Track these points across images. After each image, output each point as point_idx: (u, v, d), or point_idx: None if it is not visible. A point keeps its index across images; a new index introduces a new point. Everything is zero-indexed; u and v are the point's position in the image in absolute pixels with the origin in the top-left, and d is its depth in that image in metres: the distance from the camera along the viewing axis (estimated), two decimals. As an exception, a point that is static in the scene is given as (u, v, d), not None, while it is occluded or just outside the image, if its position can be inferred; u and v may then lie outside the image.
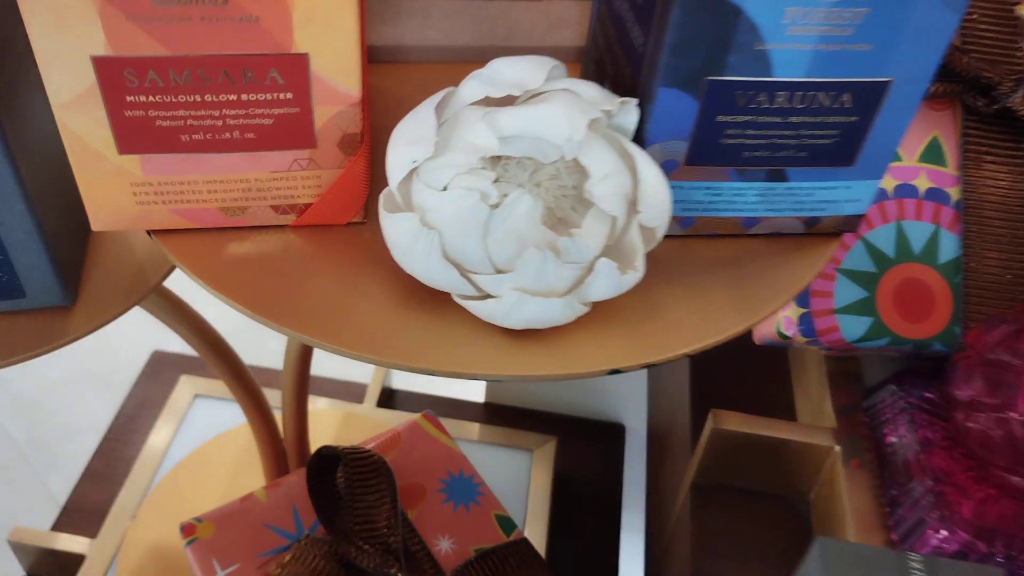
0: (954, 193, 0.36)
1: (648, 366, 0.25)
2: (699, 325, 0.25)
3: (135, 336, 0.68)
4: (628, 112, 0.25)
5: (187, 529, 0.39)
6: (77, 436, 0.92)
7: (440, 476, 0.44)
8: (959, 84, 0.36)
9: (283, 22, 0.22)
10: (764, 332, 0.38)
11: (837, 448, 0.38)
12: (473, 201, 0.24)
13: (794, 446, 0.38)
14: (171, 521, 0.55)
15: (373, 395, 0.67)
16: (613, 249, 0.25)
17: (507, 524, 0.41)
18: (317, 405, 0.65)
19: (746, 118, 0.25)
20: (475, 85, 0.25)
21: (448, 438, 0.46)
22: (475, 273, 0.24)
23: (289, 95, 0.24)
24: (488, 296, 0.25)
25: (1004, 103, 0.35)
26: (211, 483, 0.56)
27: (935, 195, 0.36)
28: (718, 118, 0.25)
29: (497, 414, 0.68)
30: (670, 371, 0.52)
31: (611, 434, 0.68)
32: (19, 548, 0.57)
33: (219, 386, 0.65)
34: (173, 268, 0.32)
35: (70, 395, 0.93)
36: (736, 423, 0.38)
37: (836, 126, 0.25)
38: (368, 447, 0.42)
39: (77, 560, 0.55)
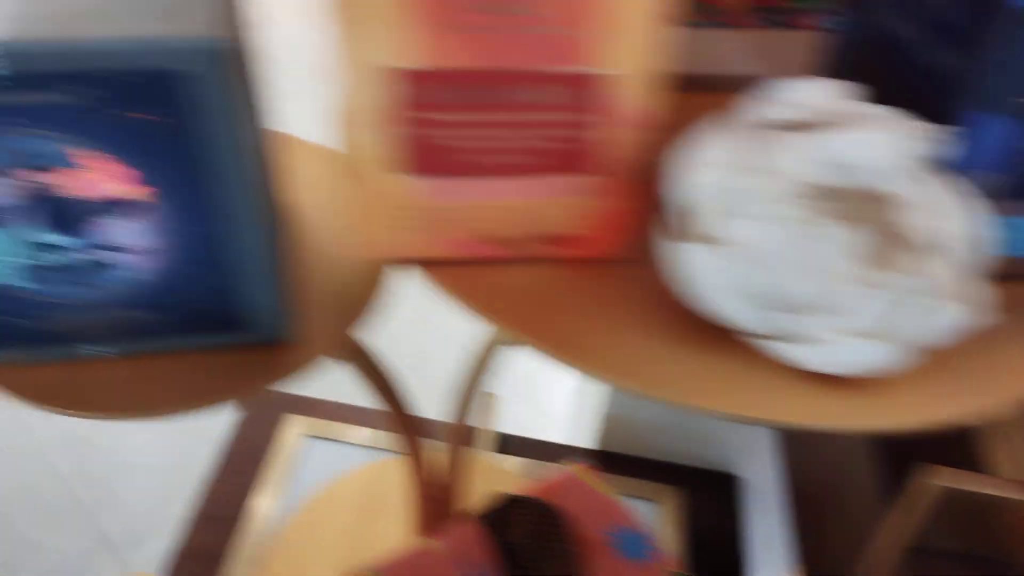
0: None
1: (980, 419, 0.22)
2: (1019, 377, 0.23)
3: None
4: (943, 139, 0.23)
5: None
6: (132, 473, 0.89)
7: (608, 529, 0.41)
8: None
9: (587, 35, 0.21)
10: None
11: (1061, 505, 0.35)
12: (788, 233, 0.22)
13: (1012, 505, 0.36)
14: (304, 570, 0.53)
15: (487, 440, 0.65)
16: (945, 287, 0.23)
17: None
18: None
19: None
20: (773, 107, 0.23)
21: (610, 490, 0.43)
22: (790, 312, 0.22)
23: (579, 113, 0.22)
24: (797, 337, 0.23)
25: None
26: (338, 529, 0.53)
27: None
28: None
29: (608, 461, 0.65)
30: (835, 439, 0.50)
31: (726, 485, 0.65)
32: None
33: (323, 426, 0.63)
34: (370, 300, 0.31)
35: (120, 430, 0.91)
36: (959, 481, 0.35)
37: None
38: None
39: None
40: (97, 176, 0.23)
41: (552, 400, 0.97)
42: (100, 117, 0.22)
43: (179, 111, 0.22)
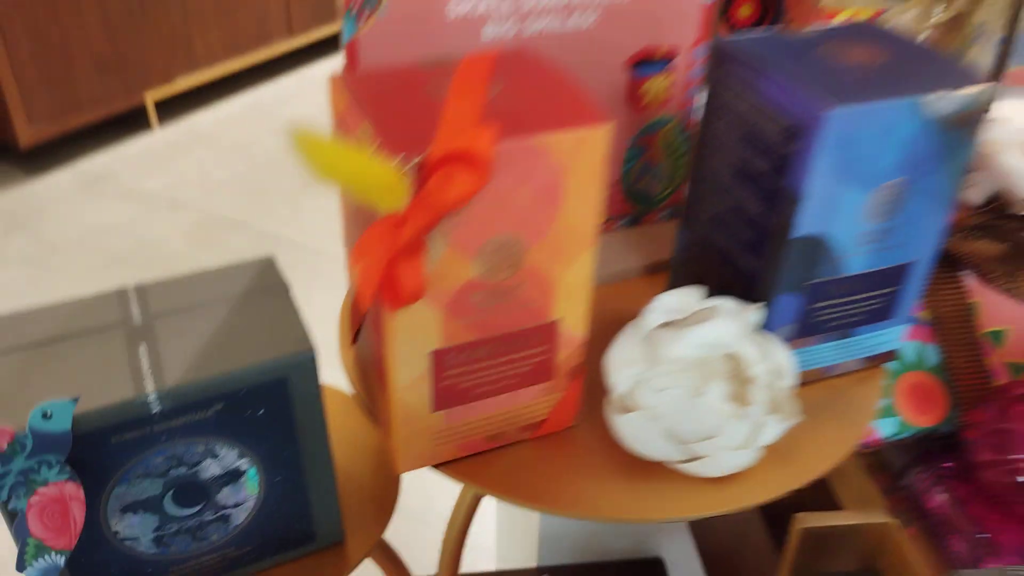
0: (924, 315, 0.50)
1: (800, 488, 0.36)
2: (827, 450, 0.37)
3: None
4: (759, 313, 0.37)
5: None
6: None
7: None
8: None
9: (549, 300, 0.33)
10: None
11: (896, 521, 0.49)
12: (681, 395, 0.34)
13: (863, 528, 0.49)
14: None
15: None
16: (773, 407, 0.36)
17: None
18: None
19: (830, 302, 0.37)
20: (657, 315, 0.36)
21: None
22: (689, 443, 0.35)
23: (545, 347, 0.34)
24: (696, 458, 0.35)
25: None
26: None
27: (913, 320, 0.50)
28: (815, 305, 0.37)
29: (553, 573, 0.75)
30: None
31: (655, 569, 0.76)
32: None
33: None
34: (399, 492, 0.40)
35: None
36: (818, 520, 0.49)
37: (884, 295, 0.38)
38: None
39: None
40: (223, 458, 0.32)
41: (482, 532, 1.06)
42: (229, 419, 0.31)
43: (283, 404, 0.32)
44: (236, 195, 2.54)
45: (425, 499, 1.11)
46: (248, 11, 3.07)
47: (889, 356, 0.41)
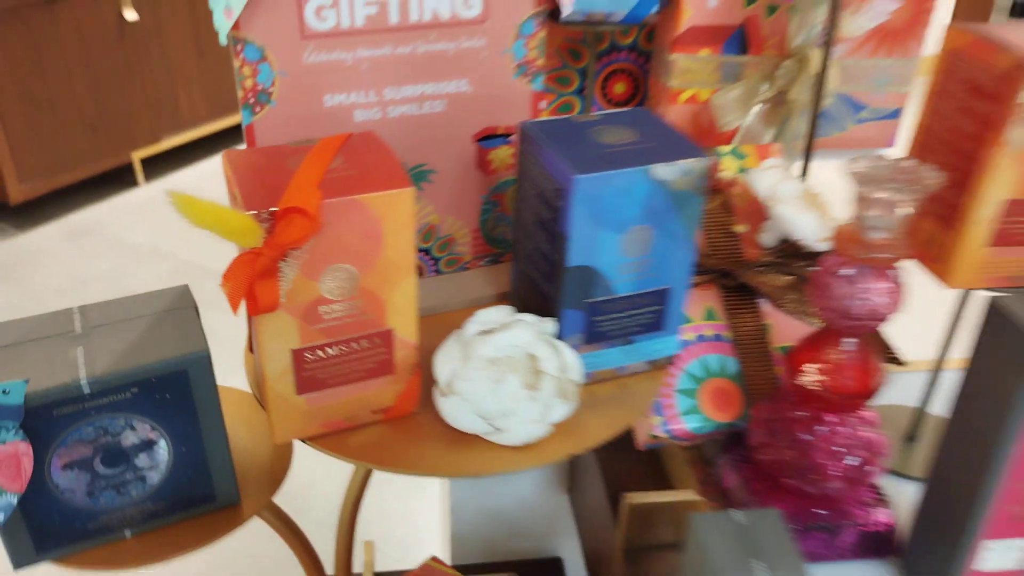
0: (727, 334, 0.62)
1: (573, 456, 0.47)
2: (605, 428, 0.48)
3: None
4: (552, 325, 0.49)
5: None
6: None
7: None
8: (713, 274, 0.63)
9: (382, 314, 0.45)
10: (642, 440, 0.61)
11: (703, 499, 0.60)
12: (492, 384, 0.46)
13: (678, 505, 0.60)
14: None
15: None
16: (560, 394, 0.48)
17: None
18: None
19: (607, 316, 0.49)
20: (474, 326, 0.48)
21: (455, 572, 0.64)
22: (494, 418, 0.46)
23: (384, 349, 0.46)
24: (500, 430, 0.47)
25: (739, 280, 0.62)
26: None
27: (718, 337, 0.62)
28: (595, 319, 0.49)
29: (463, 571, 0.85)
30: (593, 502, 0.74)
31: (554, 566, 0.86)
32: None
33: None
34: (289, 467, 0.52)
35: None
36: (642, 498, 0.60)
37: (652, 312, 0.50)
38: (407, 581, 0.60)
39: None
40: (139, 431, 0.44)
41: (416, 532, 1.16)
42: (143, 401, 0.43)
43: (185, 390, 0.43)
44: (212, 245, 2.65)
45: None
46: (231, 76, 3.22)
47: (669, 360, 0.53)
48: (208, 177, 3.10)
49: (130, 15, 2.81)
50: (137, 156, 2.96)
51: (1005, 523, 0.48)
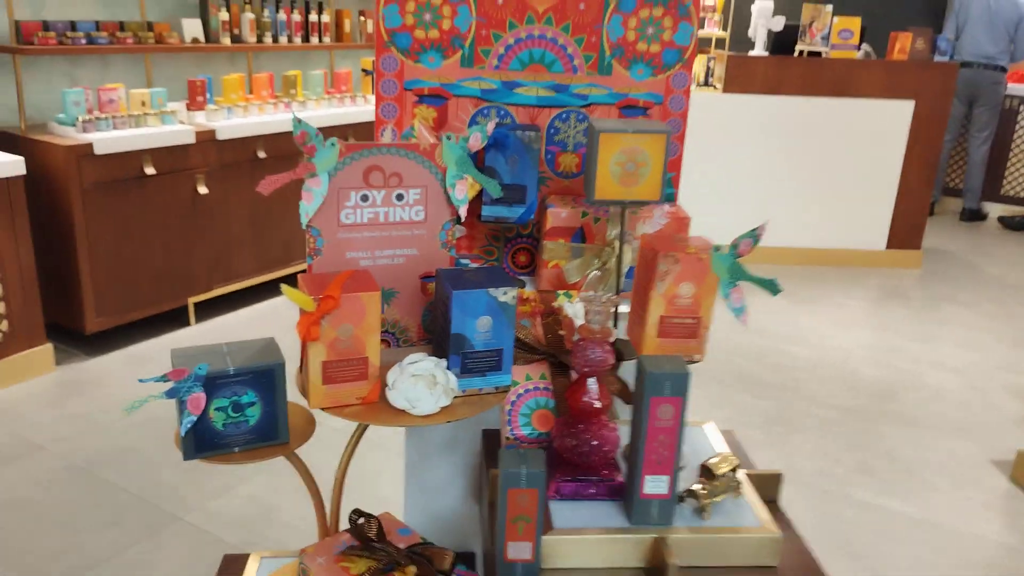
0: (550, 386, 1.14)
1: (449, 421, 0.99)
2: (466, 413, 1.01)
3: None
4: (443, 362, 1.02)
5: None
6: None
7: None
8: (546, 355, 1.16)
9: (364, 348, 0.99)
10: (503, 442, 1.12)
11: (534, 476, 1.10)
12: (412, 386, 0.99)
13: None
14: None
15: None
16: (445, 393, 1.00)
17: None
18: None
19: (472, 361, 1.02)
20: (407, 361, 1.01)
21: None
22: (413, 402, 0.99)
23: (364, 367, 0.99)
24: (415, 407, 0.99)
25: (559, 359, 1.15)
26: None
27: (546, 388, 1.14)
28: (465, 361, 1.02)
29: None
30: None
31: (469, 559, 1.33)
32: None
33: None
34: (313, 431, 1.04)
35: None
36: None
37: (494, 360, 1.03)
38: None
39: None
40: (249, 396, 0.97)
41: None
42: (252, 382, 0.96)
43: (271, 381, 0.97)
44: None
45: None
46: (277, 239, 3.92)
47: (506, 388, 1.05)
48: (248, 321, 3.71)
49: (203, 190, 3.53)
50: (192, 300, 3.58)
51: (653, 466, 0.97)
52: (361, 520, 1.06)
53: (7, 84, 3.31)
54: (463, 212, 1.10)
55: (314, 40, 4.30)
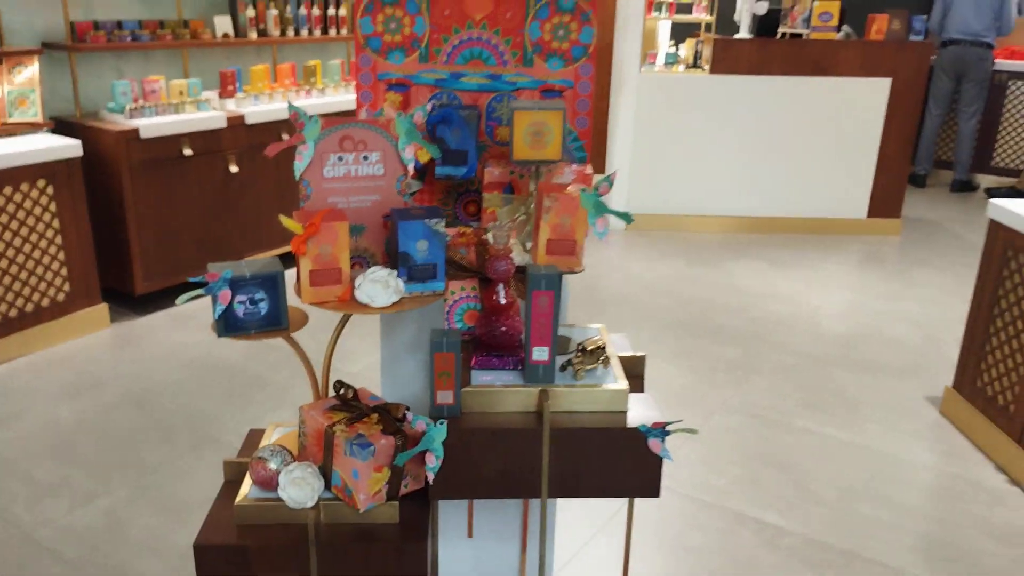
0: (477, 294, 1.57)
1: (400, 310, 1.43)
2: (414, 305, 1.44)
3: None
4: (395, 272, 1.45)
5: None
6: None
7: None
8: (475, 273, 1.59)
9: (339, 260, 1.43)
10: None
11: (465, 357, 1.53)
12: (375, 286, 1.43)
13: (455, 360, 1.54)
14: None
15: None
16: (396, 291, 1.44)
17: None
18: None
19: (414, 270, 1.46)
20: (370, 270, 1.45)
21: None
22: (372, 298, 1.43)
23: (338, 273, 1.43)
24: (374, 301, 1.43)
25: (484, 274, 1.58)
26: None
27: (475, 296, 1.57)
28: (410, 271, 1.46)
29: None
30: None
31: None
32: None
33: None
34: (306, 322, 1.48)
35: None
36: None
37: (432, 269, 1.47)
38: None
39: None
40: (259, 294, 1.41)
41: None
42: (262, 283, 1.41)
43: (276, 284, 1.41)
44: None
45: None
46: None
47: (440, 292, 1.49)
48: (275, 283, 4.18)
49: (234, 169, 4.01)
50: (226, 266, 4.05)
51: (537, 339, 1.40)
52: (342, 389, 1.51)
53: (64, 77, 3.80)
54: (411, 168, 1.54)
55: (332, 32, 4.74)
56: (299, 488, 1.39)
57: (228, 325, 1.40)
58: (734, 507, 2.55)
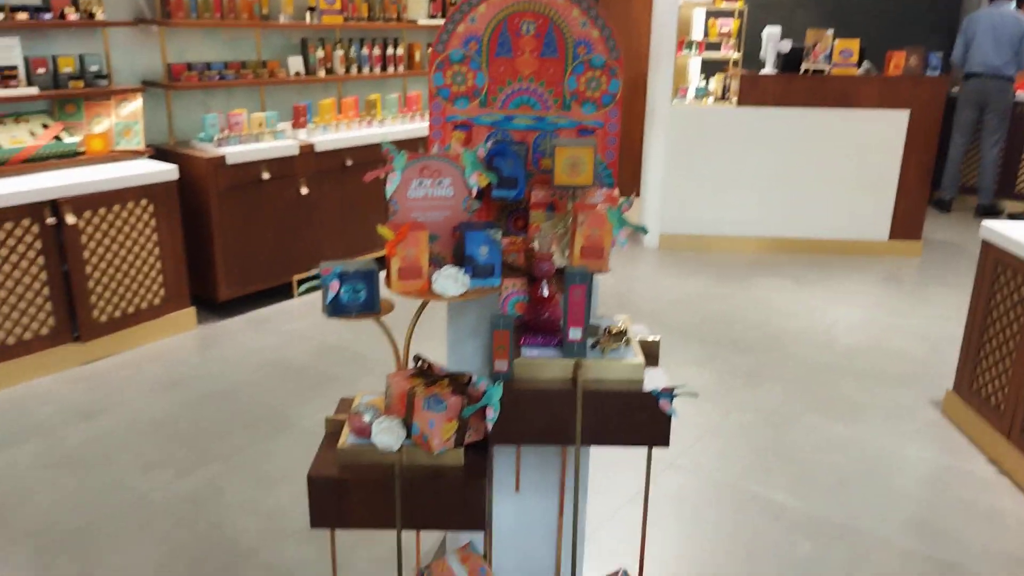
0: (526, 290, 1.98)
1: (467, 299, 1.85)
2: (478, 296, 1.87)
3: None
4: (463, 270, 1.88)
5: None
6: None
7: (438, 366, 1.97)
8: (524, 274, 2.01)
9: (421, 260, 1.85)
10: (503, 311, 1.97)
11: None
12: (447, 280, 1.85)
13: (508, 341, 1.95)
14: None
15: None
16: (462, 285, 1.86)
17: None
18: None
19: (476, 269, 1.88)
20: (444, 268, 1.88)
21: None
22: (444, 290, 1.85)
23: (420, 269, 1.86)
24: (446, 292, 1.85)
25: (534, 276, 2.00)
26: None
27: (523, 291, 1.98)
28: (473, 270, 1.88)
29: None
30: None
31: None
32: None
33: None
34: (392, 308, 1.91)
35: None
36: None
37: (490, 269, 1.89)
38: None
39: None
40: (365, 285, 1.84)
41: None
42: (365, 278, 1.84)
43: (374, 278, 1.85)
44: (341, 330, 4.17)
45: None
46: (362, 231, 4.87)
47: (497, 287, 1.90)
48: (339, 294, 4.66)
49: (304, 191, 4.50)
50: (296, 277, 4.55)
51: (573, 322, 1.80)
52: (420, 361, 1.93)
53: (160, 112, 4.34)
54: (474, 191, 1.97)
55: (390, 69, 5.25)
56: (387, 435, 1.81)
57: (336, 309, 1.84)
58: (745, 488, 2.91)
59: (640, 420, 1.78)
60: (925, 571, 2.50)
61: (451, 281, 1.82)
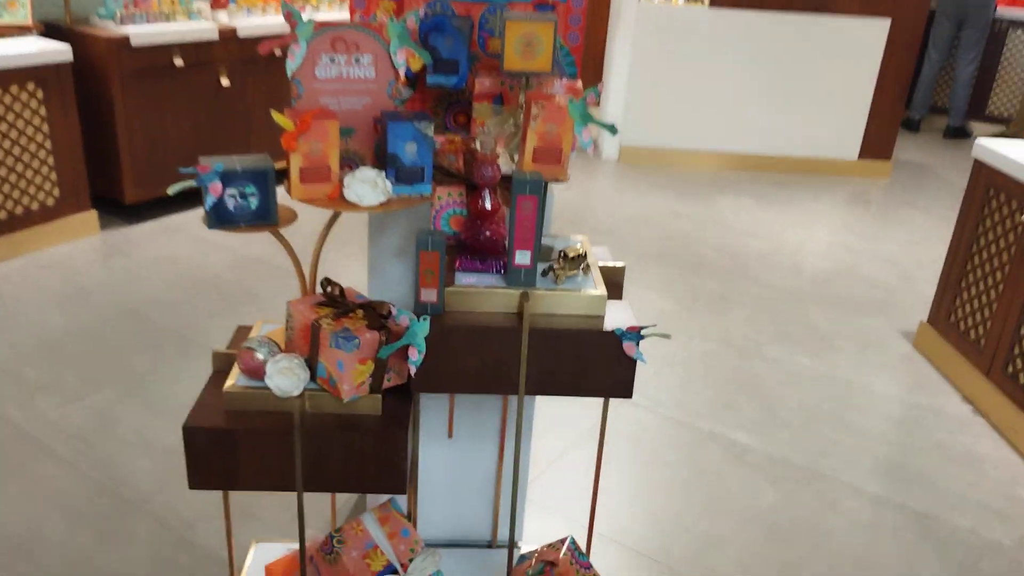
0: (463, 199, 1.61)
1: (387, 211, 1.47)
2: (400, 206, 1.48)
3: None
4: (383, 173, 1.49)
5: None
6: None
7: (354, 292, 1.60)
8: (462, 180, 1.63)
9: (327, 160, 1.46)
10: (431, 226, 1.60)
11: (449, 261, 1.58)
12: (364, 185, 1.46)
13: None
14: None
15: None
16: (384, 192, 1.47)
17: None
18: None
19: (402, 172, 1.49)
20: (358, 170, 1.48)
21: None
22: (361, 197, 1.46)
23: (328, 172, 1.47)
24: (362, 199, 1.46)
25: (472, 182, 1.62)
26: None
27: (461, 201, 1.60)
28: (398, 173, 1.49)
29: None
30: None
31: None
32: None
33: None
34: (295, 219, 1.52)
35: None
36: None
37: (419, 172, 1.50)
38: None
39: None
40: (249, 187, 1.45)
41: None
42: (252, 177, 1.44)
43: (267, 178, 1.45)
44: (260, 244, 3.72)
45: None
46: (289, 128, 4.32)
47: (427, 195, 1.52)
48: (264, 199, 4.19)
49: (225, 82, 3.98)
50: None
51: (520, 243, 1.44)
52: (329, 286, 1.55)
53: (53, -20, 3.73)
54: (402, 73, 1.56)
55: (327, -54, 4.65)
56: (285, 377, 1.44)
57: (219, 217, 1.44)
58: (705, 427, 2.64)
59: (599, 366, 1.45)
60: (898, 522, 2.27)
61: (368, 187, 1.43)
